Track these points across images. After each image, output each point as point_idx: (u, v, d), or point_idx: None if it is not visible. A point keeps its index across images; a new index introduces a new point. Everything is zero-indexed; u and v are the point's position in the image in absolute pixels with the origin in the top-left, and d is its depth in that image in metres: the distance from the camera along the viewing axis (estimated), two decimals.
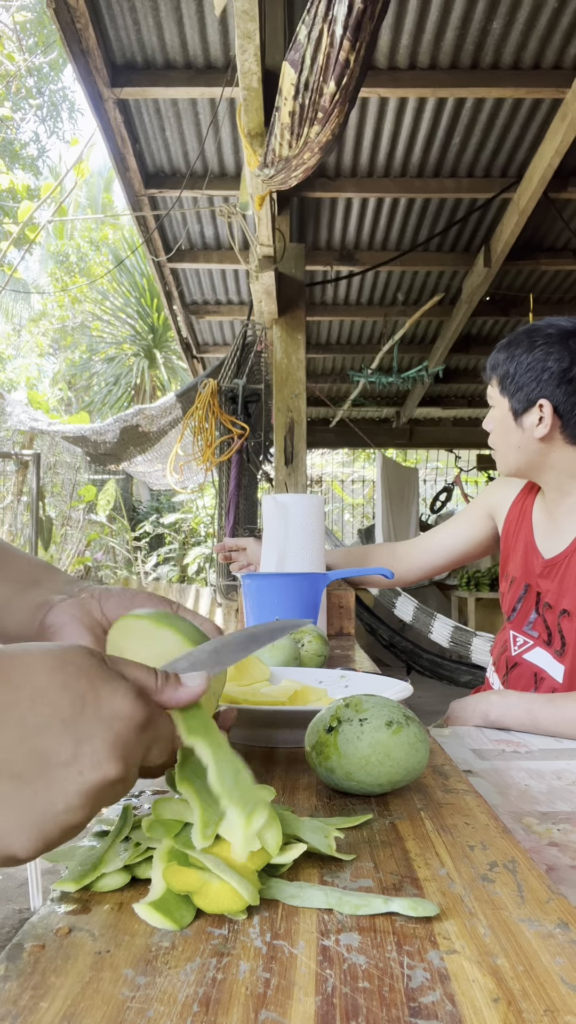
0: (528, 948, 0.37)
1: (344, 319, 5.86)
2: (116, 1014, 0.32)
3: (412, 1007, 0.32)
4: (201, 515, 9.85)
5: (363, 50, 1.62)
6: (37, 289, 14.91)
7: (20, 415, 5.75)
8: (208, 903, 0.41)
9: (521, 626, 1.39)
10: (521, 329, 1.35)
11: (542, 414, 1.28)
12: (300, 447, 3.97)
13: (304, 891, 0.42)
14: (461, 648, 5.28)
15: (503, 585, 1.49)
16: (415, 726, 0.60)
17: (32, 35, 10.75)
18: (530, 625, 1.37)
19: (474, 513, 1.59)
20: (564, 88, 3.13)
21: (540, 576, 1.36)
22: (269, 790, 0.50)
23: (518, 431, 1.31)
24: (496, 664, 1.46)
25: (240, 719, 0.74)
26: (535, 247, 4.71)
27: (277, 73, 1.95)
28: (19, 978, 0.35)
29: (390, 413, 8.65)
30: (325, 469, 13.16)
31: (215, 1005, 0.32)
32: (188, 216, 4.42)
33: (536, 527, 1.41)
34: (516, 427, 1.32)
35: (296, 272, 3.95)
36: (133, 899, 0.43)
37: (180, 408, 5.21)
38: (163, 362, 12.88)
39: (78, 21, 2.82)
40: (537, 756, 0.98)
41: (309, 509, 1.46)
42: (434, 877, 0.45)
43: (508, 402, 1.32)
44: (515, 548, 1.44)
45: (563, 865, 0.64)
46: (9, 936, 2.46)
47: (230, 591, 4.40)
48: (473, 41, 3.05)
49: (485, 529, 1.57)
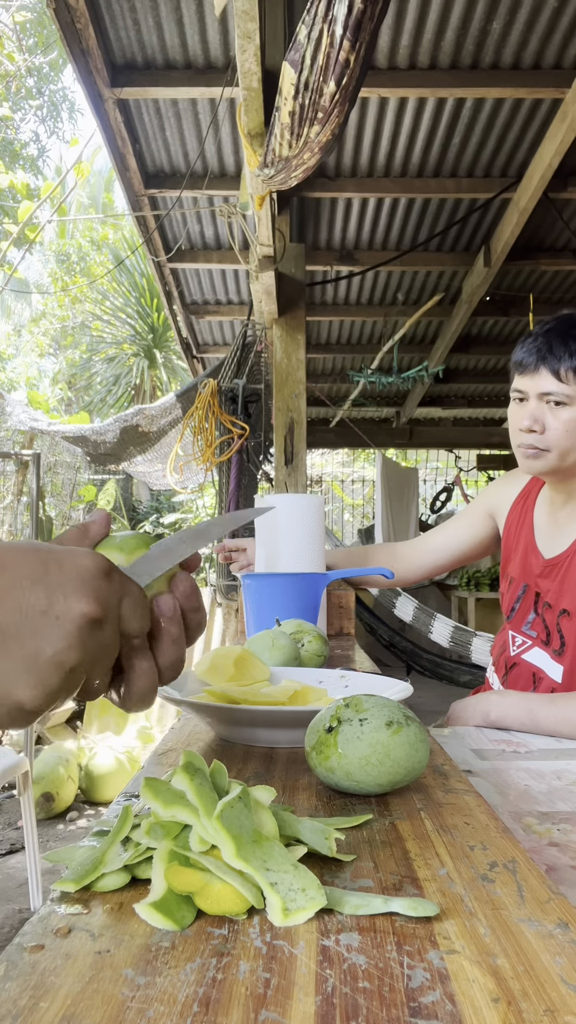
0: (528, 948, 0.37)
1: (344, 319, 5.86)
2: (116, 1014, 0.32)
3: (412, 1007, 0.32)
4: (201, 515, 9.85)
5: (363, 50, 1.62)
6: (39, 289, 14.90)
7: (20, 415, 5.74)
8: (210, 904, 0.41)
9: (519, 626, 1.39)
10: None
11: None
12: (300, 447, 3.97)
13: None
14: (461, 648, 5.28)
15: (503, 585, 1.49)
16: (415, 726, 0.60)
17: (32, 35, 10.75)
18: (528, 625, 1.37)
19: (474, 513, 1.58)
20: (564, 88, 3.13)
21: (540, 576, 1.35)
22: (269, 791, 0.50)
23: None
24: (496, 664, 1.46)
25: (240, 719, 0.74)
26: (535, 247, 4.71)
27: (277, 73, 1.94)
28: (19, 978, 0.35)
29: (390, 413, 8.64)
30: (325, 469, 13.15)
31: (215, 1005, 0.32)
32: (188, 216, 4.42)
33: (537, 527, 1.41)
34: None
35: (296, 272, 3.95)
36: (133, 899, 0.43)
37: (180, 408, 5.21)
38: (163, 362, 12.88)
39: (78, 21, 2.82)
40: (537, 756, 0.98)
41: (301, 509, 1.46)
42: (434, 877, 0.45)
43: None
44: (515, 548, 1.44)
45: (563, 865, 0.64)
46: (9, 936, 2.46)
47: (230, 591, 4.40)
48: (473, 41, 3.05)
49: (486, 529, 1.57)
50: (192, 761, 0.50)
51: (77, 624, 0.41)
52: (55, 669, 0.41)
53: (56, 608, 0.41)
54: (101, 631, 0.43)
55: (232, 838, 0.42)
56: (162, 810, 0.46)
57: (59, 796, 3.64)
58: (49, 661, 0.40)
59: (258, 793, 0.49)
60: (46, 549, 0.43)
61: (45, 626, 0.41)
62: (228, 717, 0.74)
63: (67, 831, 3.49)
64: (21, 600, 0.41)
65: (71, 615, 0.41)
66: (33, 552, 0.43)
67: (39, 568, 0.42)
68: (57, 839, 3.38)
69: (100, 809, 3.77)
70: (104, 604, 0.43)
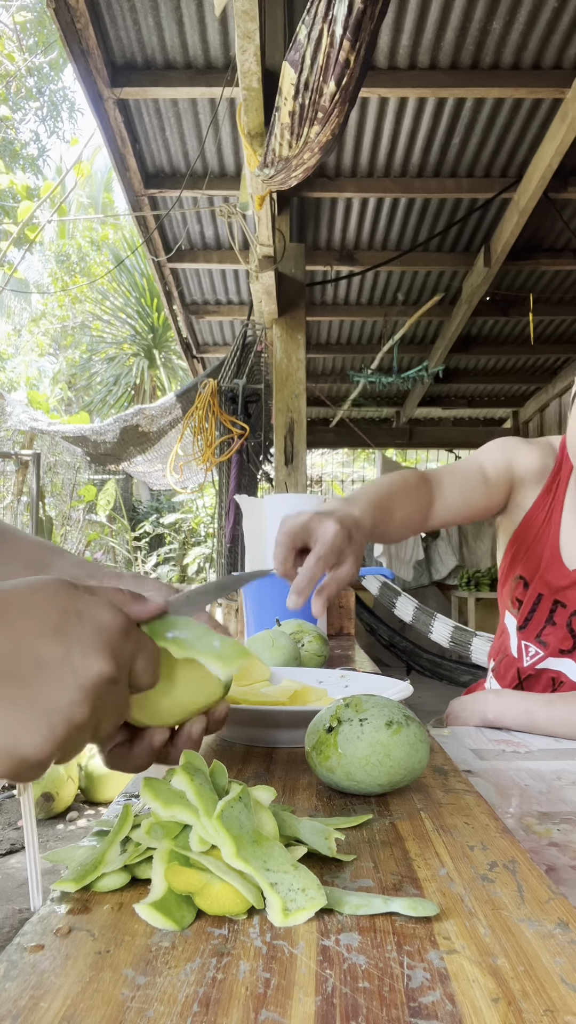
0: (528, 948, 0.37)
1: (344, 319, 5.86)
2: (116, 1014, 0.32)
3: (412, 1007, 0.32)
4: (201, 515, 9.85)
5: (363, 50, 1.62)
6: (39, 289, 14.90)
7: (20, 415, 5.75)
8: (210, 904, 0.40)
9: (533, 635, 1.32)
10: None
11: None
12: (300, 447, 3.97)
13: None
14: (461, 648, 5.28)
15: (508, 581, 1.40)
16: (415, 726, 0.60)
17: (32, 35, 10.74)
18: (542, 635, 1.31)
19: (496, 483, 1.35)
20: (564, 88, 3.13)
21: (566, 588, 1.27)
22: (270, 791, 0.50)
23: None
24: (498, 672, 1.40)
25: (240, 719, 0.74)
26: (535, 247, 4.71)
27: (277, 73, 1.95)
28: (19, 978, 0.35)
29: (390, 413, 8.65)
30: (325, 469, 13.15)
31: (215, 1005, 0.32)
32: (188, 216, 4.42)
33: (564, 533, 1.31)
34: None
35: (296, 272, 3.95)
36: (133, 899, 0.43)
37: (180, 408, 5.21)
38: (163, 362, 12.87)
39: (78, 21, 2.82)
40: (537, 756, 0.98)
41: (301, 510, 1.44)
42: (434, 877, 0.45)
43: None
44: (534, 551, 1.34)
45: (563, 865, 0.64)
46: (9, 936, 2.46)
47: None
48: (473, 41, 3.05)
49: (500, 500, 1.37)
50: (192, 761, 0.50)
51: (93, 681, 0.41)
52: (64, 723, 0.40)
53: (73, 661, 0.41)
54: (114, 688, 0.43)
55: (232, 838, 0.42)
56: (162, 810, 0.46)
57: (59, 796, 3.64)
58: (60, 713, 0.40)
59: (258, 793, 0.49)
60: (72, 596, 0.43)
61: (61, 678, 0.40)
62: (228, 717, 0.74)
63: (67, 831, 3.49)
64: (41, 650, 0.40)
65: (88, 672, 0.41)
66: (56, 597, 0.42)
67: (61, 617, 0.42)
68: (57, 839, 3.38)
69: (100, 809, 3.77)
70: (119, 661, 0.43)
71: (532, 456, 1.36)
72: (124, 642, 0.44)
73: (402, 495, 1.16)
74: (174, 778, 0.48)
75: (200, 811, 0.44)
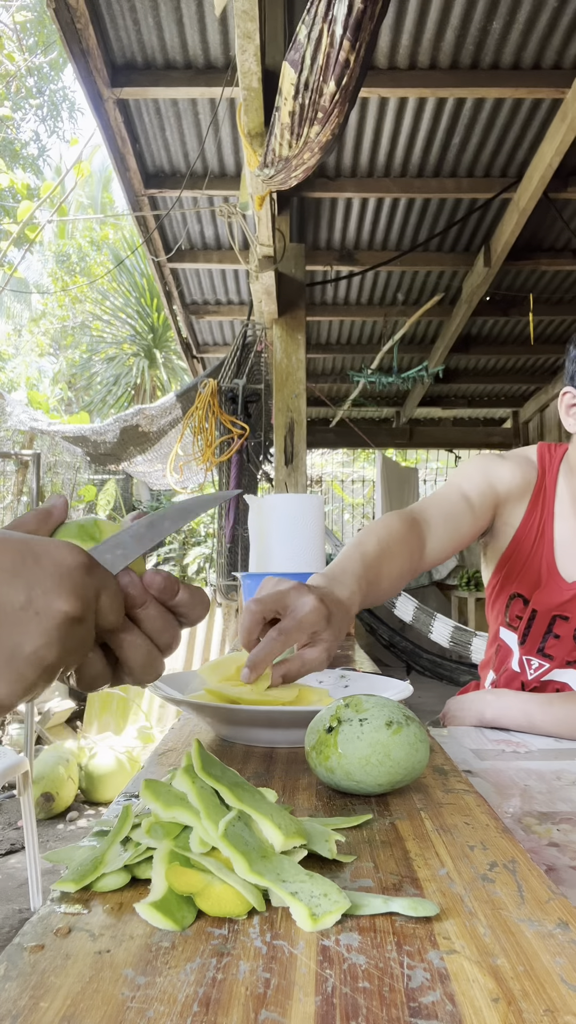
0: (528, 948, 0.37)
1: (344, 319, 5.86)
2: (116, 1014, 0.32)
3: (412, 1007, 0.32)
4: (200, 515, 9.84)
5: (363, 50, 1.62)
6: (39, 289, 14.90)
7: (20, 415, 5.74)
8: (211, 905, 0.40)
9: (534, 649, 1.31)
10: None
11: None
12: (300, 447, 3.97)
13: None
14: (461, 648, 5.28)
15: (500, 600, 1.37)
16: (415, 726, 0.60)
17: (32, 35, 10.74)
18: (543, 648, 1.29)
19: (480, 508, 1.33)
20: (564, 88, 3.13)
21: (568, 602, 1.26)
22: (270, 792, 0.50)
23: None
24: (499, 686, 1.36)
25: (240, 719, 0.74)
26: (535, 247, 4.71)
27: (277, 73, 1.95)
28: (19, 978, 0.35)
29: (390, 413, 8.64)
30: (325, 469, 13.14)
31: (215, 1005, 0.32)
32: (188, 216, 4.42)
33: (559, 545, 1.29)
34: None
35: (296, 272, 3.95)
36: (133, 899, 0.43)
37: (180, 408, 5.21)
38: (163, 362, 12.88)
39: (78, 21, 2.82)
40: (537, 756, 0.98)
41: (301, 509, 1.45)
42: (434, 877, 0.45)
43: None
44: (528, 567, 1.32)
45: (563, 865, 0.64)
46: (9, 936, 2.46)
47: (230, 591, 4.40)
48: (473, 41, 3.05)
49: (486, 524, 1.36)
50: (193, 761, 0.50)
51: (57, 621, 0.40)
52: (33, 665, 0.40)
53: (36, 604, 0.40)
54: (80, 627, 0.42)
55: (242, 854, 0.42)
56: (163, 812, 0.46)
57: (59, 796, 3.64)
58: (28, 658, 0.39)
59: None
60: (21, 540, 0.42)
61: (24, 622, 0.39)
62: (228, 717, 0.74)
63: (67, 831, 3.49)
64: (1, 596, 0.39)
65: (51, 612, 0.40)
66: (8, 543, 0.41)
67: (17, 560, 0.40)
68: (57, 839, 3.38)
69: (100, 809, 3.77)
70: (84, 600, 0.42)
71: (513, 472, 1.34)
72: (87, 580, 0.42)
73: (390, 554, 1.07)
74: (175, 779, 0.48)
75: (201, 813, 0.44)
